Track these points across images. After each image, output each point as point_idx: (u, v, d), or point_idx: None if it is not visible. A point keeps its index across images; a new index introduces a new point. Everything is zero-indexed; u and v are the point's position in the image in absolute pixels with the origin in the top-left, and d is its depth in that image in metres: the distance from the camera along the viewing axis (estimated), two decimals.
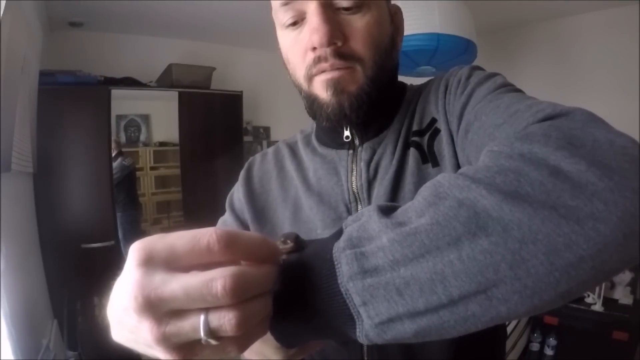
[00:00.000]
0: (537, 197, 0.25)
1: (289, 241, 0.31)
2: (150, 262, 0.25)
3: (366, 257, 0.27)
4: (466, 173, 0.28)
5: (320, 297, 0.28)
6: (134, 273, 0.25)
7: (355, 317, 0.27)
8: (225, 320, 0.24)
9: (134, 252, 0.25)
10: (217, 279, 0.24)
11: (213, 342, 0.25)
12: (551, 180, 0.25)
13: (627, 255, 0.24)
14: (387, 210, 0.30)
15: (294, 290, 0.29)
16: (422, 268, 0.25)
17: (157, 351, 0.26)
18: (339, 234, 0.31)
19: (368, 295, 0.26)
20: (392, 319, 0.26)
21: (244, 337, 0.26)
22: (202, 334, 0.24)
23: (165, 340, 0.25)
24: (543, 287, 0.24)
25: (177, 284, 0.24)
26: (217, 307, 0.24)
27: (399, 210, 0.30)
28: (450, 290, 0.25)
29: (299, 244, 0.31)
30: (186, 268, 0.25)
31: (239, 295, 0.24)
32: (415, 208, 0.28)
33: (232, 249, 0.26)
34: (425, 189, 0.29)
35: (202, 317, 0.24)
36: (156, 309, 0.24)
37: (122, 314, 0.26)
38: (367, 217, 0.30)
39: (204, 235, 0.25)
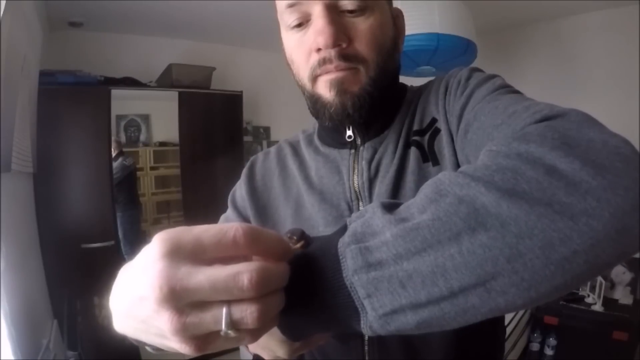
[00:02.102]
0: (534, 195, 0.26)
1: (295, 237, 0.32)
2: (176, 253, 0.25)
3: (370, 252, 0.28)
4: (466, 171, 0.29)
5: (326, 291, 0.29)
6: (158, 263, 0.25)
7: (360, 309, 0.28)
8: (247, 312, 0.25)
9: (160, 242, 0.25)
10: (244, 273, 0.25)
11: (232, 333, 0.25)
12: (547, 179, 0.26)
13: (620, 250, 0.25)
14: (390, 207, 0.31)
15: (300, 284, 0.30)
16: (424, 261, 0.26)
17: (171, 341, 0.26)
18: (343, 230, 0.32)
19: (372, 287, 0.27)
20: (395, 310, 0.27)
21: (258, 329, 0.27)
22: (223, 325, 0.25)
23: (184, 331, 0.25)
24: (539, 279, 0.25)
25: (203, 276, 0.24)
26: (239, 300, 0.25)
27: (402, 207, 0.30)
28: (451, 283, 0.26)
29: (307, 240, 0.33)
30: (208, 261, 0.26)
31: (262, 289, 0.25)
32: (417, 205, 0.29)
33: (255, 244, 0.27)
34: (427, 187, 0.30)
35: (224, 309, 0.25)
36: (179, 299, 0.25)
37: (135, 303, 0.27)
38: (371, 214, 0.31)
39: (230, 230, 0.26)
